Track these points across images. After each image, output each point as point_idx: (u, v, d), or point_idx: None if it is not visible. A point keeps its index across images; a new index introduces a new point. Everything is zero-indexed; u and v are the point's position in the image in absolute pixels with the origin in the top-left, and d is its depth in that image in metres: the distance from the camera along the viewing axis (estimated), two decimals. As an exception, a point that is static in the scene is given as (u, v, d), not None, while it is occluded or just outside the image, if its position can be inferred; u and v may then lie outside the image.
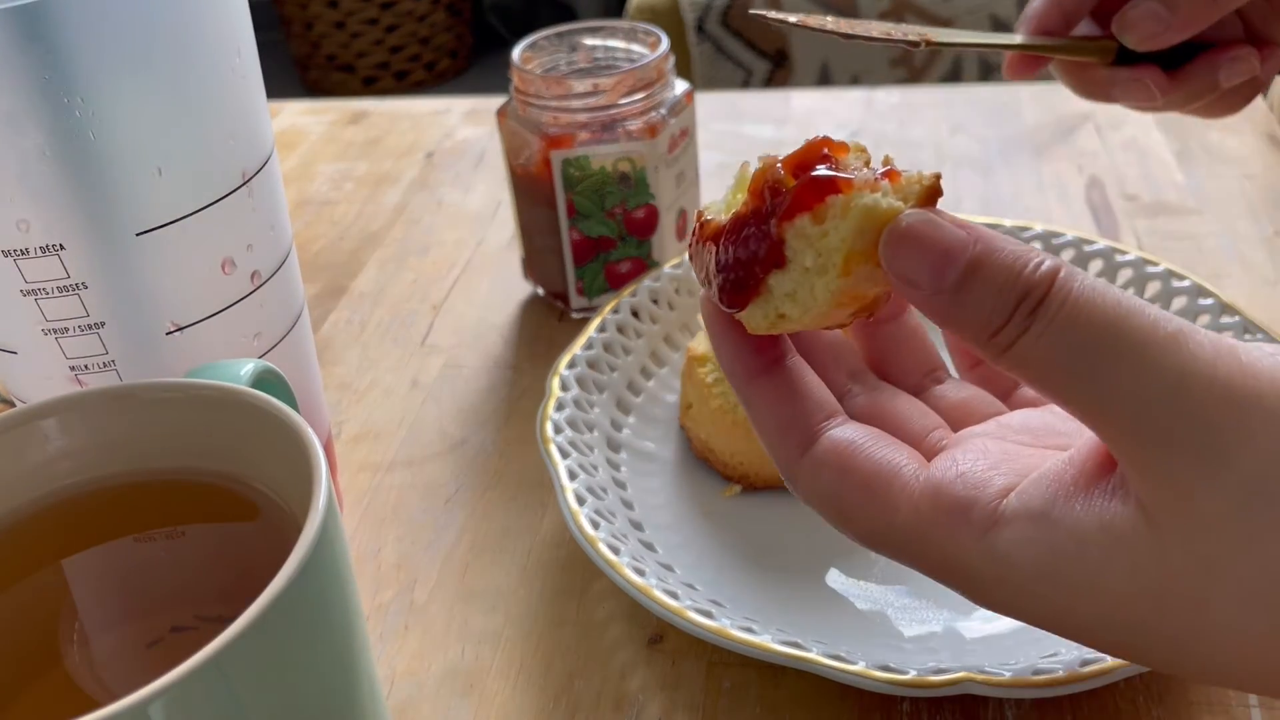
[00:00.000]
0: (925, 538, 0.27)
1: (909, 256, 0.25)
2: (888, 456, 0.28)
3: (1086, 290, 0.24)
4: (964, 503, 0.26)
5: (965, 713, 0.35)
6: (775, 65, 1.33)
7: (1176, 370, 0.23)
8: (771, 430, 0.29)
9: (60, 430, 0.28)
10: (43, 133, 0.30)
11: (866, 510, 0.28)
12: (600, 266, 0.53)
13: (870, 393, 0.31)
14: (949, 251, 0.25)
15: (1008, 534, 0.25)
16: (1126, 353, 0.23)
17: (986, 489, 0.26)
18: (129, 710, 0.20)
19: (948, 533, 0.26)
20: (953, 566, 0.27)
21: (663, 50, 0.51)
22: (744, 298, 0.27)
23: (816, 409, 0.29)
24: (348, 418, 0.51)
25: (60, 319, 0.33)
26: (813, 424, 0.29)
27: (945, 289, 0.25)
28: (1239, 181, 0.64)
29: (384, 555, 0.43)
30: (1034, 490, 0.26)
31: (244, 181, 0.34)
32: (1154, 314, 0.24)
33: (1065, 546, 0.25)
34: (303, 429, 0.26)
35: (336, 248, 0.65)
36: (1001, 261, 0.24)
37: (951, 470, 0.27)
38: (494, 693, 0.37)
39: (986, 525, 0.26)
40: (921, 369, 0.33)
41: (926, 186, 0.26)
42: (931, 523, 0.26)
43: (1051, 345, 0.24)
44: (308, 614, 0.23)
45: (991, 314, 0.24)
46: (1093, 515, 0.25)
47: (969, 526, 0.26)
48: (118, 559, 0.28)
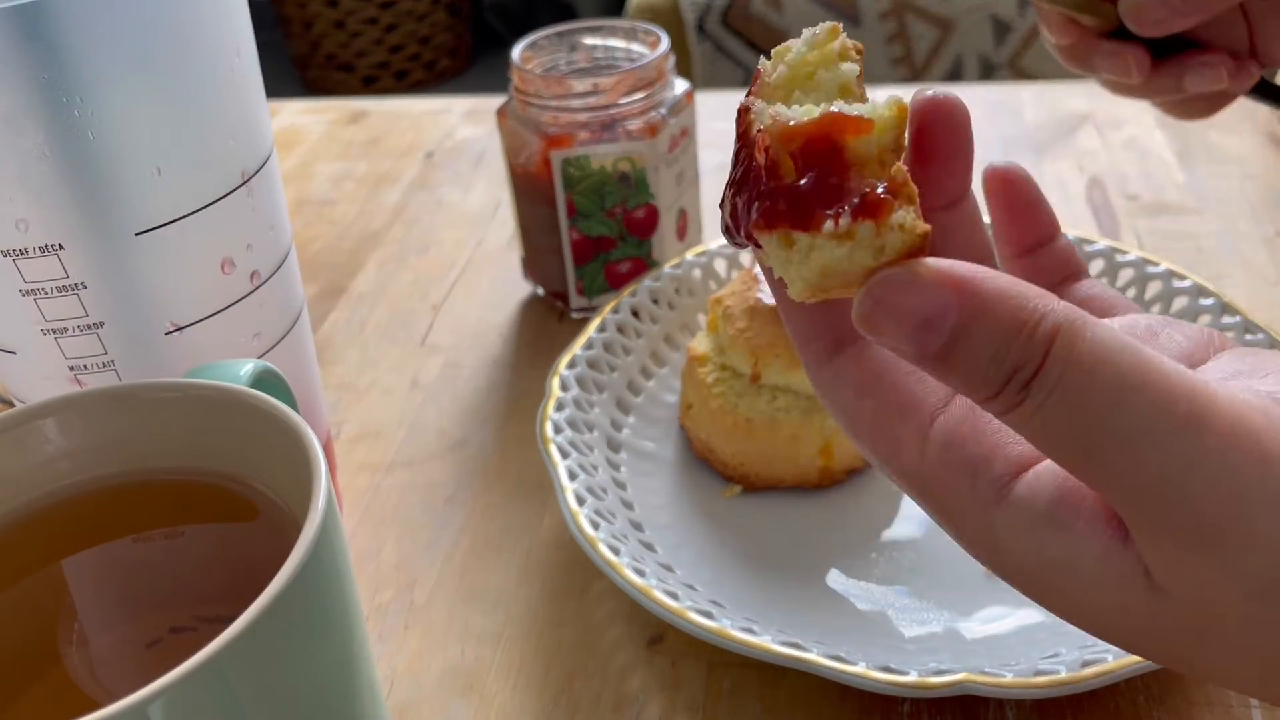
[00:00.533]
0: (927, 485, 0.25)
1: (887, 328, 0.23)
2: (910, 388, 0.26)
3: (1089, 357, 0.21)
4: (971, 465, 0.24)
5: (966, 713, 0.35)
6: (775, 65, 1.33)
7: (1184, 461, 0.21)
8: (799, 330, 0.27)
9: (59, 430, 0.28)
10: (42, 132, 0.30)
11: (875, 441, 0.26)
12: (600, 266, 0.53)
13: None
14: (929, 321, 0.22)
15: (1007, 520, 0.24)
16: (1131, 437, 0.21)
17: (996, 457, 0.24)
18: (128, 710, 0.20)
19: (949, 490, 0.25)
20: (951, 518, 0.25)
21: (663, 50, 0.51)
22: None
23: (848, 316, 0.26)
24: (347, 418, 0.51)
25: (59, 319, 0.33)
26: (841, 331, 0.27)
27: (931, 357, 0.22)
28: (1240, 181, 0.64)
29: (384, 555, 0.43)
30: (1045, 488, 0.24)
31: (243, 181, 0.34)
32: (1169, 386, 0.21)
33: (1058, 560, 0.24)
34: (302, 429, 0.26)
35: (336, 247, 0.64)
36: (991, 328, 0.22)
37: (967, 423, 0.25)
38: (494, 693, 0.37)
39: (989, 500, 0.24)
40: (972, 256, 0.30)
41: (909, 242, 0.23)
42: (934, 474, 0.25)
43: (1049, 419, 0.22)
44: (307, 614, 0.23)
45: (983, 384, 0.22)
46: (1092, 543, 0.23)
47: (971, 495, 0.24)
48: (117, 559, 0.28)
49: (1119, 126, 0.70)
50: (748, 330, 0.43)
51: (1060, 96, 0.74)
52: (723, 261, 0.53)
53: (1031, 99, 0.74)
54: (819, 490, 0.44)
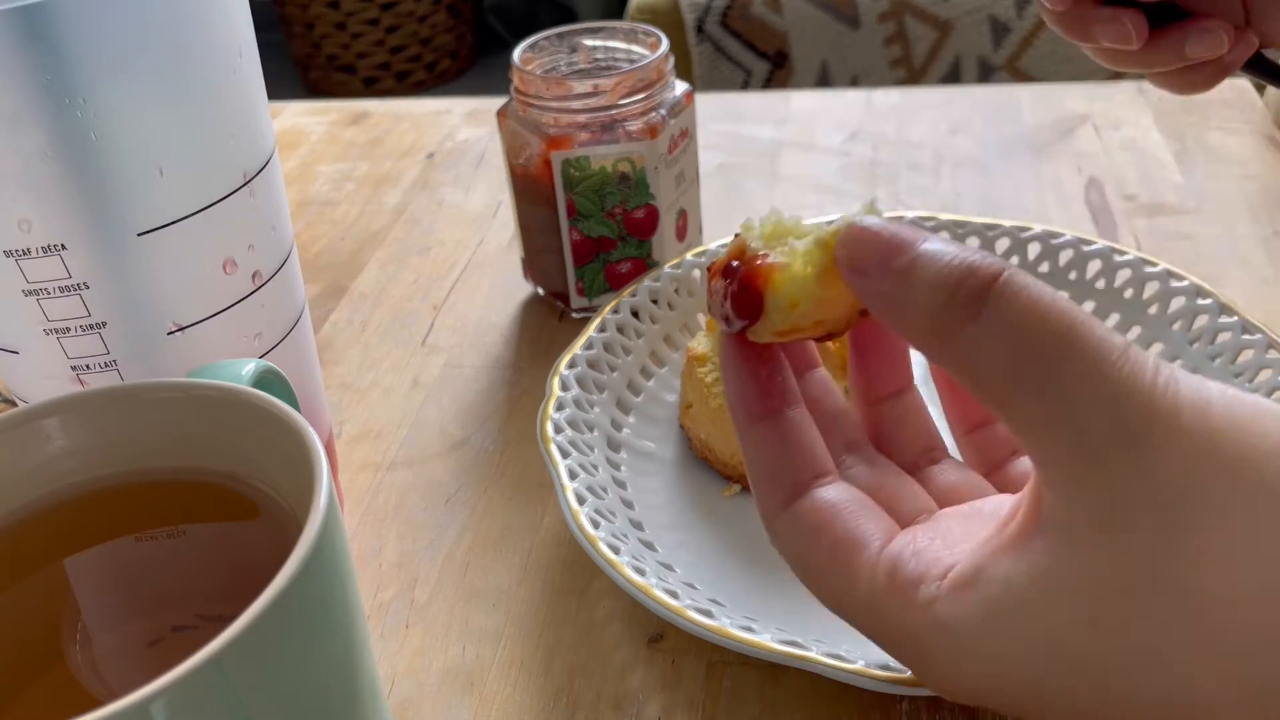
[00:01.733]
0: (879, 611, 0.27)
1: (861, 245, 0.26)
2: (860, 526, 0.28)
3: (1034, 289, 0.24)
4: (914, 579, 0.27)
5: (965, 711, 0.35)
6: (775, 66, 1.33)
7: (1121, 380, 0.23)
8: (761, 476, 0.30)
9: (62, 430, 0.29)
10: (44, 133, 0.30)
11: (830, 576, 0.28)
12: (600, 266, 0.54)
13: (866, 465, 0.32)
14: (899, 240, 0.25)
15: (947, 603, 0.26)
16: (1070, 359, 0.23)
17: (935, 567, 0.27)
18: (130, 709, 0.20)
19: (898, 609, 0.27)
20: (903, 640, 0.27)
21: (663, 51, 0.51)
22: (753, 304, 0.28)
23: (808, 465, 0.30)
24: (349, 417, 0.51)
25: (62, 319, 0.33)
26: (801, 479, 0.29)
27: (893, 272, 0.25)
28: (1238, 182, 0.64)
29: (385, 554, 0.43)
30: (966, 561, 0.26)
31: (245, 182, 0.35)
32: (1102, 328, 0.24)
33: (997, 598, 0.25)
34: (304, 428, 0.26)
35: (337, 248, 0.65)
36: (948, 250, 0.25)
37: (909, 548, 0.27)
38: (494, 691, 0.38)
39: (930, 601, 0.26)
40: (919, 446, 0.33)
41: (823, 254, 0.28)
42: (885, 598, 0.27)
43: (994, 339, 0.24)
44: (309, 613, 0.23)
45: (935, 294, 0.24)
46: (1019, 562, 0.25)
47: (916, 602, 0.26)
48: (119, 558, 0.28)
49: (1117, 127, 0.70)
50: (747, 330, 0.44)
51: (1058, 97, 0.74)
52: (722, 262, 0.53)
53: (1030, 100, 0.75)
54: (818, 490, 0.44)
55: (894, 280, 0.25)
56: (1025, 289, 0.24)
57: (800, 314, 0.28)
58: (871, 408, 0.33)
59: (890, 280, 0.25)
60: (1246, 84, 0.74)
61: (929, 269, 0.25)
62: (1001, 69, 1.30)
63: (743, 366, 0.30)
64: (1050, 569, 0.24)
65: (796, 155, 0.70)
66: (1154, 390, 0.23)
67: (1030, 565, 0.24)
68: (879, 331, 0.33)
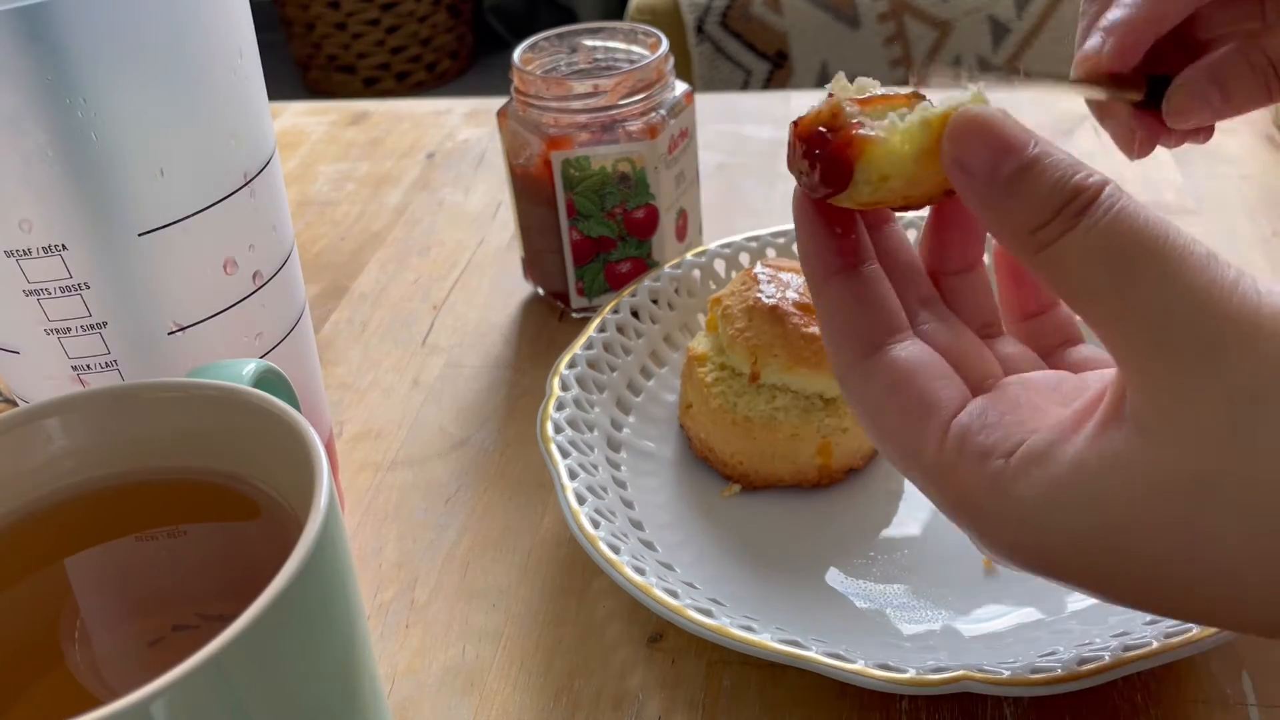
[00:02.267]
0: (944, 477, 0.28)
1: (972, 143, 0.26)
2: (934, 390, 0.29)
3: (1132, 204, 0.25)
4: (984, 451, 0.27)
5: (964, 711, 0.35)
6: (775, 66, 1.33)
7: (1201, 287, 0.24)
8: (836, 330, 0.30)
9: (62, 430, 0.29)
10: (45, 133, 0.30)
11: (899, 436, 0.29)
12: (600, 266, 0.54)
13: (939, 322, 0.32)
14: (1012, 143, 0.26)
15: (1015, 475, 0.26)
16: (1160, 264, 0.24)
17: (1005, 442, 0.27)
18: (130, 709, 0.20)
19: (964, 476, 0.27)
20: (965, 505, 0.28)
21: (662, 51, 0.51)
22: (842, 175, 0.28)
23: (884, 321, 0.30)
24: (349, 417, 0.51)
25: (62, 319, 0.33)
26: (876, 334, 0.30)
27: (1001, 178, 0.26)
28: (1237, 182, 0.64)
29: (385, 554, 0.43)
30: (1039, 438, 0.27)
31: (246, 182, 0.35)
32: (1189, 238, 0.25)
33: (1064, 475, 0.26)
34: (304, 428, 0.26)
35: (338, 248, 0.65)
36: (1059, 161, 0.25)
37: (979, 420, 0.28)
38: (494, 691, 0.38)
39: (998, 473, 0.27)
40: (980, 319, 0.33)
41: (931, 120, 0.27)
42: (952, 466, 0.28)
43: (1091, 249, 0.25)
44: (309, 613, 0.23)
45: (1040, 207, 0.25)
46: (1090, 443, 0.26)
47: (983, 474, 0.27)
48: (119, 558, 0.28)
49: (1118, 127, 0.70)
50: (747, 330, 0.44)
51: (1058, 98, 0.74)
52: (722, 262, 0.53)
53: (1029, 100, 0.75)
54: (818, 489, 0.44)
55: (1000, 186, 0.26)
56: (1124, 204, 0.25)
57: (889, 189, 0.28)
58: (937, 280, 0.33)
59: (996, 185, 0.26)
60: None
61: (1036, 182, 0.25)
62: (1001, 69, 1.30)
63: (816, 223, 0.30)
64: (1123, 456, 0.25)
65: (796, 155, 0.70)
66: (1233, 297, 0.24)
67: (1104, 451, 0.25)
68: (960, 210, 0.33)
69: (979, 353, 0.31)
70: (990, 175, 0.26)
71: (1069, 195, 0.25)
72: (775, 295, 0.44)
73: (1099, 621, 0.37)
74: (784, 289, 0.44)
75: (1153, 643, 0.34)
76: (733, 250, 0.53)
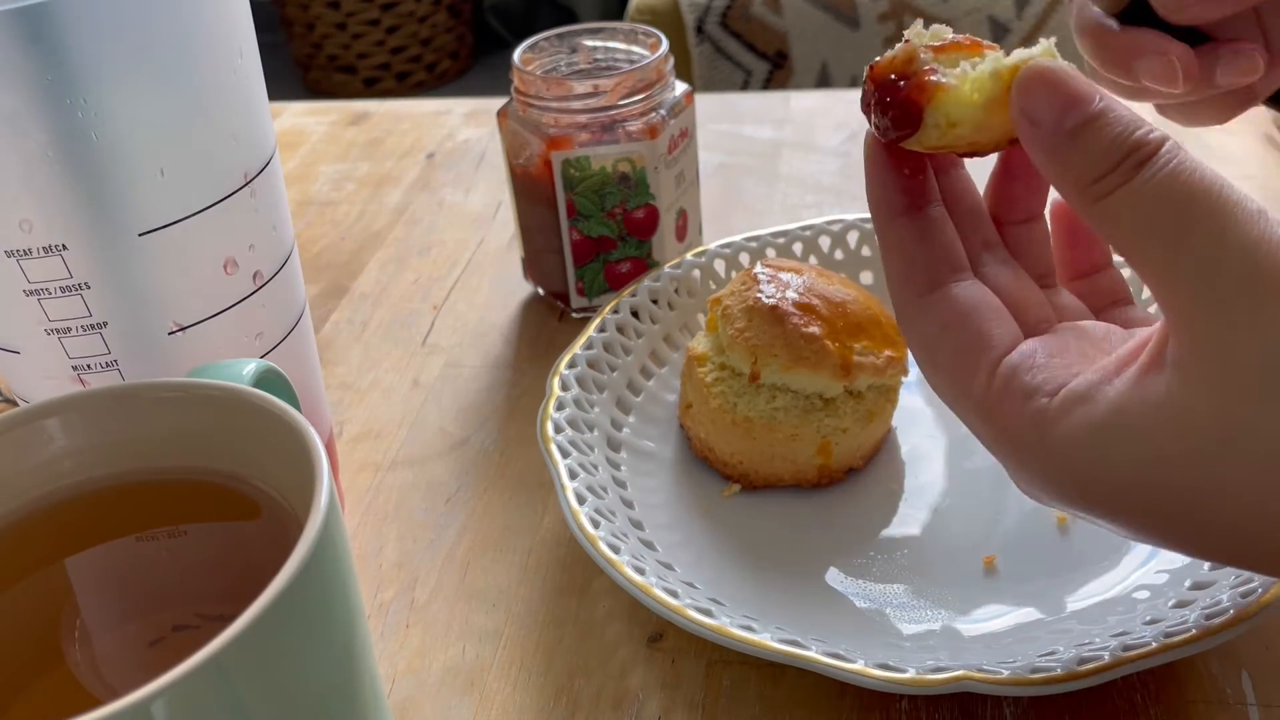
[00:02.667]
0: (989, 412, 0.29)
1: (1039, 95, 0.27)
2: (989, 329, 0.30)
3: (1189, 160, 0.26)
4: (1029, 390, 0.28)
5: (963, 711, 0.35)
6: (774, 66, 1.33)
7: (1252, 239, 0.25)
8: (899, 267, 0.31)
9: (63, 430, 0.29)
10: (46, 134, 0.30)
11: (951, 371, 0.30)
12: (600, 266, 0.54)
13: (1000, 265, 0.33)
14: (1078, 97, 0.27)
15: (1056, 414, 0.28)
16: (1211, 218, 0.25)
17: (1050, 383, 0.28)
18: (131, 709, 0.20)
19: (1008, 413, 0.29)
20: (1005, 440, 0.29)
21: (662, 51, 0.51)
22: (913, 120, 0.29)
23: (944, 260, 0.31)
24: (349, 417, 0.51)
25: (63, 319, 0.33)
26: (937, 272, 0.31)
27: (1065, 130, 0.27)
28: (1237, 182, 0.63)
29: (385, 554, 0.43)
30: (1081, 380, 0.28)
31: (246, 182, 0.35)
32: (1242, 194, 0.26)
33: (1105, 417, 0.27)
34: (304, 428, 0.26)
35: (338, 248, 0.65)
36: (1121, 116, 0.26)
37: (1029, 360, 0.29)
38: (494, 691, 0.38)
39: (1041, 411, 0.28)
40: (1038, 269, 0.34)
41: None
42: (998, 402, 0.29)
43: (1146, 200, 0.26)
44: (309, 612, 0.23)
45: (1101, 159, 0.26)
46: (1131, 386, 0.27)
47: (1026, 411, 0.28)
48: (120, 558, 0.28)
49: (1118, 127, 0.70)
50: (746, 330, 0.44)
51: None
52: (722, 262, 0.53)
53: (1030, 100, 0.74)
54: (817, 489, 0.44)
55: (1064, 138, 0.27)
56: (1181, 159, 0.26)
57: (956, 135, 0.29)
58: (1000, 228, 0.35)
59: (1060, 137, 0.27)
60: (1246, 84, 0.73)
61: (1099, 135, 0.26)
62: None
63: (885, 164, 0.31)
64: (1163, 402, 0.26)
65: (796, 155, 0.70)
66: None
67: (1144, 395, 0.26)
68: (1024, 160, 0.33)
69: (1035, 298, 0.32)
70: (1055, 126, 0.27)
71: (1129, 149, 0.26)
72: (775, 295, 0.44)
73: (1098, 621, 0.37)
74: (784, 289, 0.44)
75: (1152, 643, 0.34)
76: (733, 250, 0.53)
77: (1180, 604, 0.36)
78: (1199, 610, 0.35)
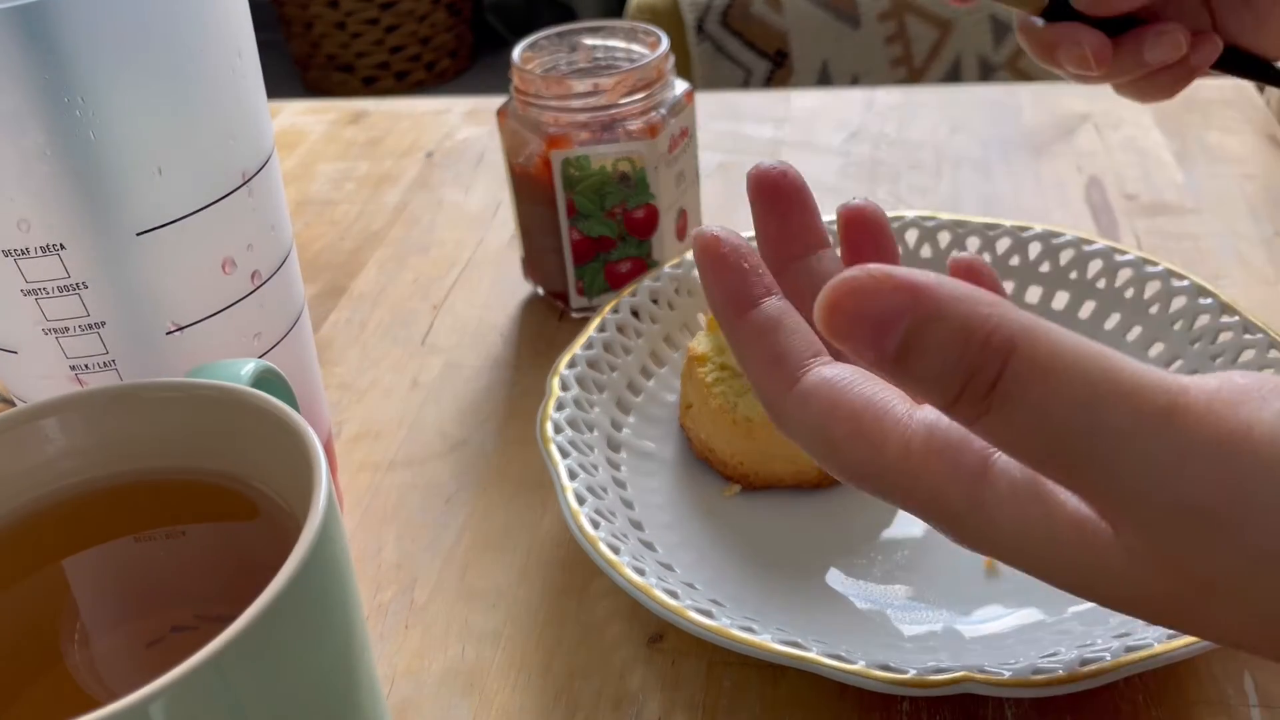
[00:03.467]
0: (914, 475, 0.26)
1: (846, 328, 0.23)
2: (877, 394, 0.27)
3: (1054, 365, 0.22)
4: (955, 444, 0.25)
5: (965, 712, 0.35)
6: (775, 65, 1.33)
7: (1171, 454, 0.22)
8: (760, 364, 0.29)
9: (60, 430, 0.29)
10: (43, 132, 0.30)
11: (854, 444, 0.26)
12: (600, 266, 0.54)
13: None
14: (884, 323, 0.23)
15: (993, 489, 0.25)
16: (1107, 438, 0.22)
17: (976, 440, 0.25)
18: (129, 710, 0.20)
19: (935, 474, 0.25)
20: (937, 507, 0.26)
21: (663, 50, 0.51)
22: None
23: (805, 346, 0.28)
24: (348, 417, 0.51)
25: (60, 319, 0.33)
26: (801, 359, 0.28)
27: (888, 360, 0.23)
28: (1239, 181, 0.64)
29: (384, 555, 0.43)
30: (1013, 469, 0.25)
31: (244, 181, 0.34)
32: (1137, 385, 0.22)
33: (1039, 526, 0.24)
34: (303, 428, 0.26)
35: (337, 247, 0.65)
36: (944, 332, 0.22)
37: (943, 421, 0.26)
38: (494, 692, 0.37)
39: (977, 472, 0.25)
40: None
41: None
42: (921, 462, 0.25)
43: (1017, 432, 0.22)
44: (308, 613, 0.23)
45: (940, 389, 0.23)
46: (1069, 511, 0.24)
47: (959, 469, 0.25)
48: (118, 558, 0.28)
49: (1117, 127, 0.70)
50: (747, 330, 0.43)
51: (1059, 97, 0.74)
52: (722, 261, 0.53)
53: (1030, 99, 0.75)
54: (818, 490, 0.44)
55: (894, 365, 0.23)
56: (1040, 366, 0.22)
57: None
58: None
59: (890, 366, 0.23)
60: (1247, 83, 0.74)
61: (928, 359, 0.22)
62: (1002, 68, 1.30)
63: (719, 267, 0.29)
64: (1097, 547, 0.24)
65: (797, 155, 0.70)
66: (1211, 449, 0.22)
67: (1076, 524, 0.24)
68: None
69: None
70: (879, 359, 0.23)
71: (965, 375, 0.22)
72: (776, 295, 0.44)
73: (1100, 622, 0.37)
74: (784, 289, 0.44)
75: (1154, 644, 0.34)
76: (733, 250, 0.53)
77: (1182, 605, 0.36)
78: (1201, 611, 0.35)
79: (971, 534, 0.26)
